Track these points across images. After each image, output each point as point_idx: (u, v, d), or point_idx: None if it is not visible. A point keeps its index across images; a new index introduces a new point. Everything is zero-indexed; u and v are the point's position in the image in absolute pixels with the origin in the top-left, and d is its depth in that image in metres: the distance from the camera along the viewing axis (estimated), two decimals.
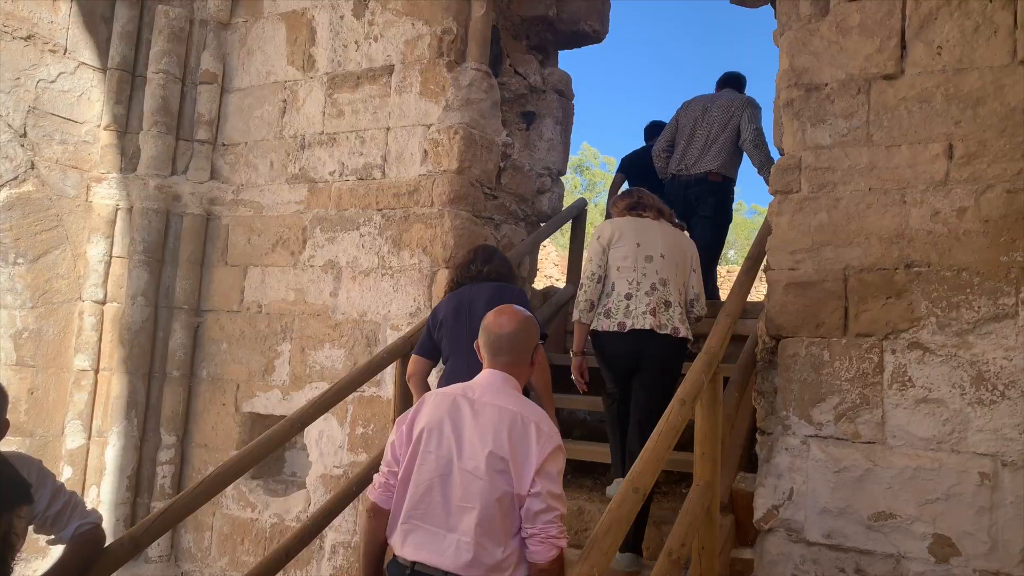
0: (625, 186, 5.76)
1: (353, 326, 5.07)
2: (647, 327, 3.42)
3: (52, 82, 5.31)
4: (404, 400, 3.95)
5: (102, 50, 5.56)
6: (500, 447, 2.04)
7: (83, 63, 5.48)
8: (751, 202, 35.97)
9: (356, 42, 5.33)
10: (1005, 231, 3.19)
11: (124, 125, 5.62)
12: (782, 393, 3.56)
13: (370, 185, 5.13)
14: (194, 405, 5.65)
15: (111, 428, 5.37)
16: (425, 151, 4.96)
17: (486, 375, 2.25)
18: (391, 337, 4.74)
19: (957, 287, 3.25)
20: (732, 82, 5.54)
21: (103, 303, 5.52)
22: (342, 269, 5.17)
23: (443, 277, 4.77)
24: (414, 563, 2.08)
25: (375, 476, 2.28)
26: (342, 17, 5.40)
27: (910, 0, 3.51)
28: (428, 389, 3.38)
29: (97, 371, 5.48)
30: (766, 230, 3.91)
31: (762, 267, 4.06)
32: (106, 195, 5.52)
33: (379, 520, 2.22)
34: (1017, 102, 3.24)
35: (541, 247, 9.27)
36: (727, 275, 14.71)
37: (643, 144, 6.25)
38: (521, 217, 5.47)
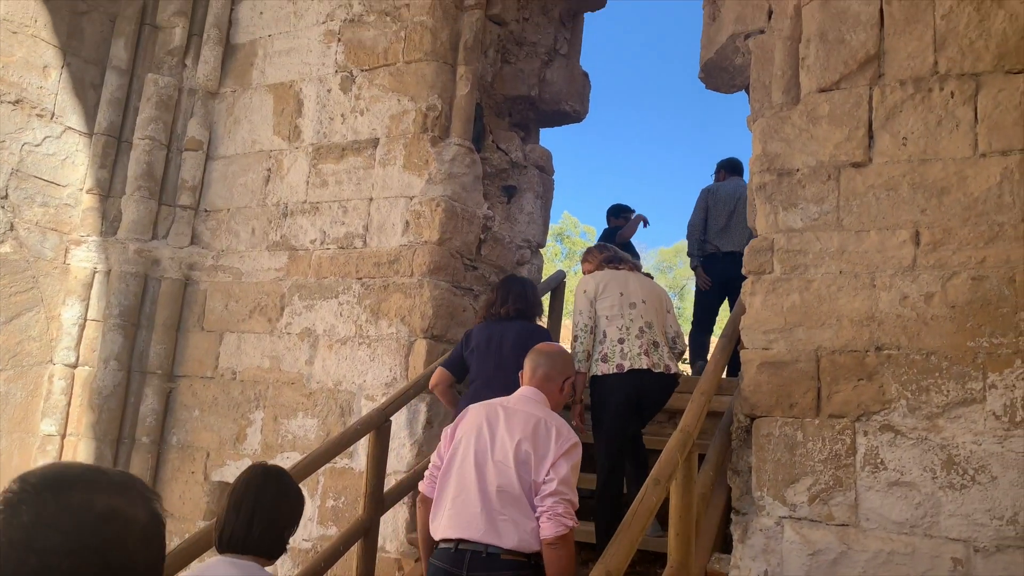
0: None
1: (328, 395, 5.03)
2: (644, 367, 3.74)
3: (37, 145, 5.35)
4: (376, 473, 3.90)
5: (90, 116, 5.63)
6: (525, 442, 2.48)
7: (70, 128, 5.54)
8: None
9: (342, 115, 5.44)
10: (971, 317, 3.26)
11: (107, 189, 5.66)
12: (756, 473, 3.56)
13: (351, 254, 5.17)
14: (162, 473, 5.53)
15: None
16: (407, 222, 5.03)
17: (523, 390, 2.73)
18: (366, 408, 4.71)
19: (926, 371, 3.30)
20: (737, 170, 6.21)
21: (74, 367, 5.45)
22: (319, 337, 5.15)
23: (421, 347, 4.78)
24: (458, 541, 2.45)
25: (425, 472, 2.72)
26: (329, 91, 5.52)
27: (876, 93, 3.67)
28: (452, 397, 4.01)
29: (64, 436, 5.37)
30: (740, 309, 3.97)
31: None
32: (84, 258, 5.51)
33: (428, 507, 2.65)
34: (979, 193, 3.36)
35: None
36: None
37: (606, 226, 6.63)
38: None
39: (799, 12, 4.02)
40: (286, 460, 4.90)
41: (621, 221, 6.87)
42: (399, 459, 4.61)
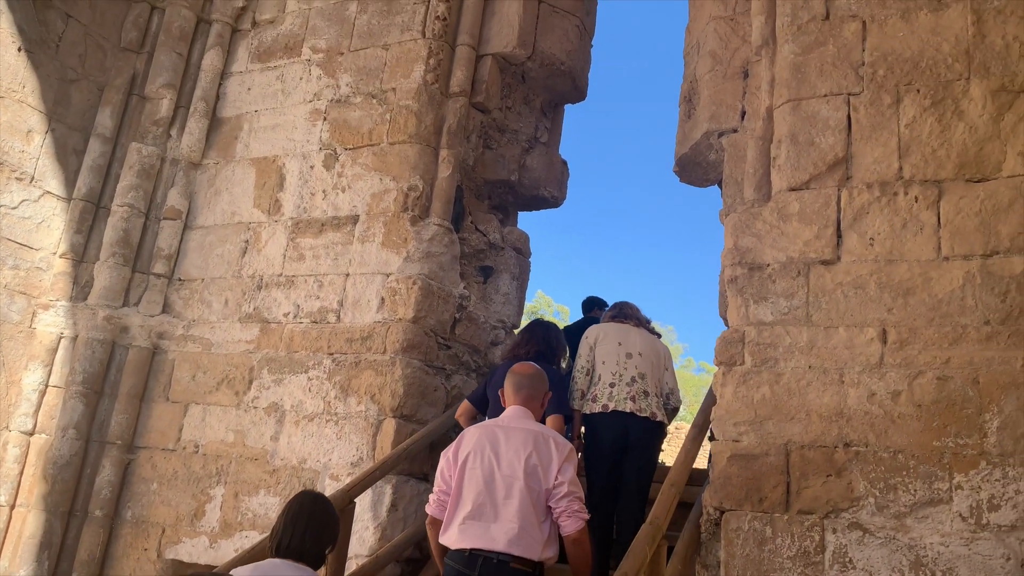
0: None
1: (291, 473, 4.91)
2: (628, 410, 4.02)
3: (14, 208, 5.33)
4: (337, 557, 3.79)
5: (70, 181, 5.64)
6: (531, 455, 2.78)
7: (48, 192, 5.53)
8: (700, 359, 36.62)
9: (324, 191, 5.50)
10: (937, 416, 3.31)
11: (81, 254, 5.62)
12: (725, 568, 3.51)
13: (323, 328, 5.15)
14: (113, 549, 5.32)
15: (18, 571, 5.00)
16: (382, 299, 5.03)
17: (511, 410, 3.01)
18: (330, 488, 4.59)
19: (894, 469, 3.32)
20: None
21: (31, 434, 5.29)
22: (286, 412, 5.07)
23: (390, 427, 4.71)
24: (471, 549, 2.70)
25: (430, 496, 2.97)
26: (312, 167, 5.60)
27: (844, 194, 3.80)
28: None
29: (13, 507, 5.17)
30: (711, 399, 3.99)
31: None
32: (51, 323, 5.42)
33: (437, 528, 2.89)
34: (943, 295, 3.46)
35: None
36: (676, 431, 14.73)
37: (581, 316, 6.63)
38: (473, 368, 5.50)
39: (771, 114, 4.19)
40: (245, 539, 4.75)
41: (596, 312, 6.92)
42: (361, 543, 4.48)
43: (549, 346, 4.33)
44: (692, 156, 4.97)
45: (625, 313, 4.45)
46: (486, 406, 4.21)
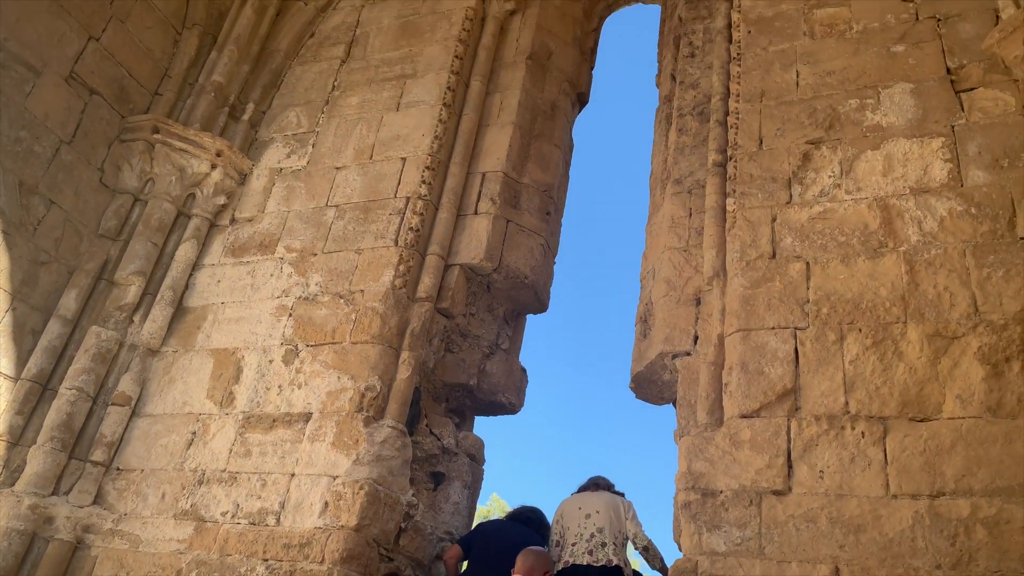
0: None
1: None
2: (584, 563, 4.46)
3: None
4: None
5: (21, 360, 5.54)
6: None
7: None
8: None
9: (280, 386, 5.46)
10: None
11: (18, 436, 5.40)
12: None
13: (261, 531, 4.89)
14: None
15: None
16: (326, 502, 4.84)
17: None
18: None
19: None
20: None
21: None
22: None
23: None
24: None
25: None
26: (271, 361, 5.59)
27: (794, 424, 3.87)
28: (456, 571, 4.90)
29: None
30: None
31: None
32: None
33: None
34: (894, 534, 3.43)
35: None
36: None
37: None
38: None
39: (722, 341, 4.35)
40: None
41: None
42: None
43: (538, 522, 5.04)
44: (647, 374, 5.07)
45: (591, 484, 4.97)
46: (470, 551, 4.88)
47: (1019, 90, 4.35)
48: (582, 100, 7.38)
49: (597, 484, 4.97)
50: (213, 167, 6.49)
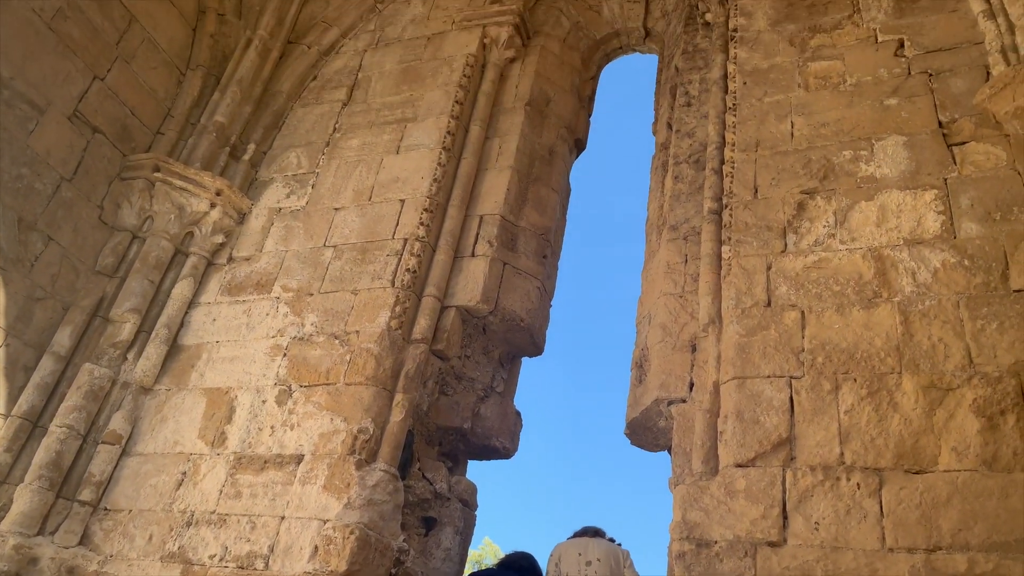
0: None
1: None
2: None
3: None
4: None
5: (12, 397, 5.50)
6: None
7: None
8: None
9: (272, 427, 5.42)
10: None
11: (5, 474, 5.33)
12: None
13: None
14: None
15: None
16: (316, 547, 4.77)
17: None
18: None
19: None
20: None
21: None
22: None
23: None
24: None
25: None
26: (264, 401, 5.55)
27: (789, 475, 3.84)
28: None
29: None
30: None
31: None
32: None
33: None
34: None
35: None
36: None
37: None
38: None
39: (717, 388, 4.34)
40: None
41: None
42: None
43: (532, 569, 4.89)
44: (643, 421, 5.05)
45: (586, 530, 4.94)
46: None
47: (1010, 145, 4.42)
48: (580, 146, 7.47)
49: (596, 531, 4.93)
50: (212, 206, 6.53)
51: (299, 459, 5.20)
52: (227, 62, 7.27)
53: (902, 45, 5.23)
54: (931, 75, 4.98)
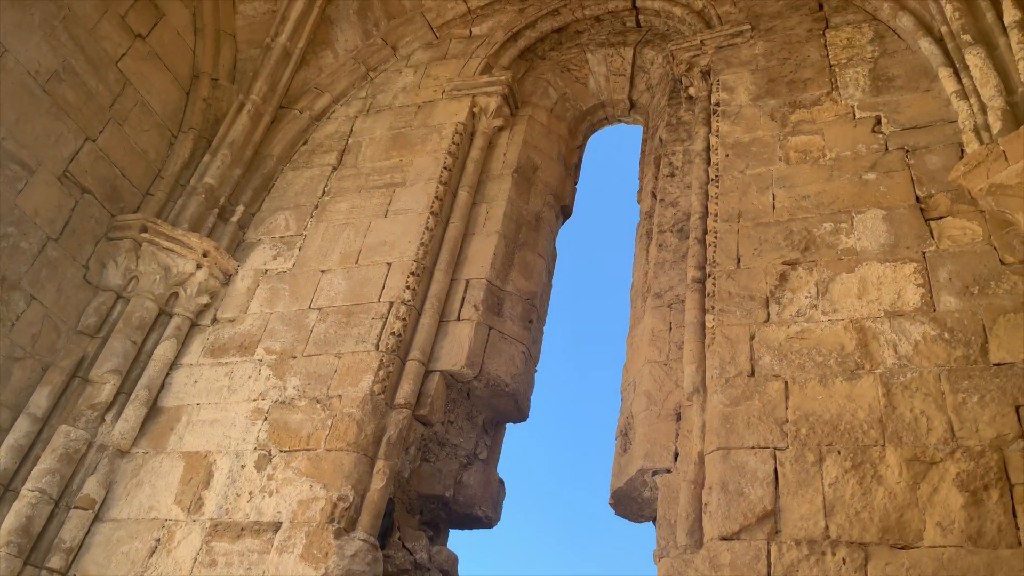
0: None
1: None
2: None
3: None
4: None
5: None
6: None
7: None
8: None
9: (251, 492, 5.31)
10: None
11: None
12: None
13: None
14: None
15: None
16: None
17: None
18: None
19: None
20: None
21: None
22: None
23: None
24: None
25: None
26: (243, 466, 5.46)
27: (774, 549, 3.80)
28: None
29: None
30: None
31: None
32: None
33: None
34: None
35: None
36: None
37: None
38: None
39: (702, 459, 4.32)
40: None
41: None
42: None
43: None
44: (627, 491, 4.99)
45: None
46: None
47: (985, 221, 4.53)
48: (566, 212, 7.57)
49: None
50: (198, 267, 6.53)
51: (277, 526, 5.09)
52: (219, 125, 7.36)
53: (879, 122, 5.39)
54: (908, 151, 5.12)
